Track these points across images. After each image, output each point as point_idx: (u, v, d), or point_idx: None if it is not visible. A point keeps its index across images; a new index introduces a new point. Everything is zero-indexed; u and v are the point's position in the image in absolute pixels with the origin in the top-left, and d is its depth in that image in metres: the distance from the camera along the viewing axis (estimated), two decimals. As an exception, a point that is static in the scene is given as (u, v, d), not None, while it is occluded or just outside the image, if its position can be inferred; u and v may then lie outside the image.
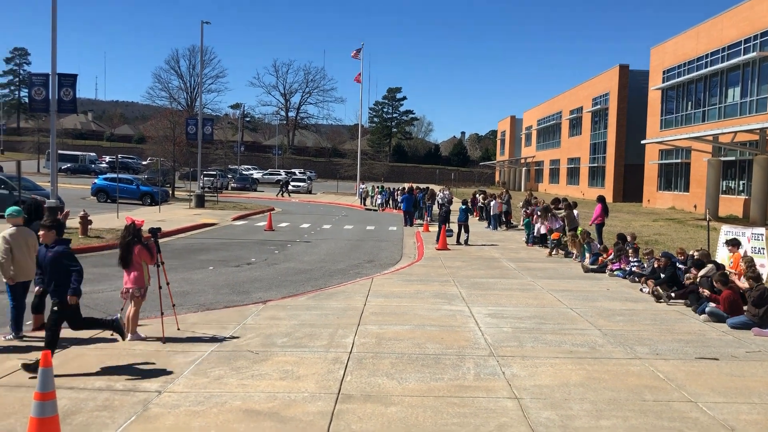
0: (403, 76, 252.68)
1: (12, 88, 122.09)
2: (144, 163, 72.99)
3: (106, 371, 7.73)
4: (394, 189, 48.86)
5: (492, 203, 29.84)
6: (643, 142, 44.45)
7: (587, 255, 18.16)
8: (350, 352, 8.81)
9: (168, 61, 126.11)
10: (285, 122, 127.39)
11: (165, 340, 9.11)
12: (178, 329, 9.74)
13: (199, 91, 61.13)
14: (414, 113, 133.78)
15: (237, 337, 9.47)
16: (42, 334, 9.42)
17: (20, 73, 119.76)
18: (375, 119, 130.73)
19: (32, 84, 22.89)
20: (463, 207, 23.94)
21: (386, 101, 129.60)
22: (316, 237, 26.01)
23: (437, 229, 23.86)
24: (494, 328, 10.37)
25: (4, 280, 9.09)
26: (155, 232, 9.60)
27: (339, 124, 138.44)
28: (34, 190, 27.47)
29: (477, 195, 37.95)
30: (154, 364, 8.08)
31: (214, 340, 9.30)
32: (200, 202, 38.17)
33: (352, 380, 7.57)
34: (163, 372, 7.74)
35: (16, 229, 9.03)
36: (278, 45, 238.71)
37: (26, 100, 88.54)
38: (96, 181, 42.61)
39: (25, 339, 9.06)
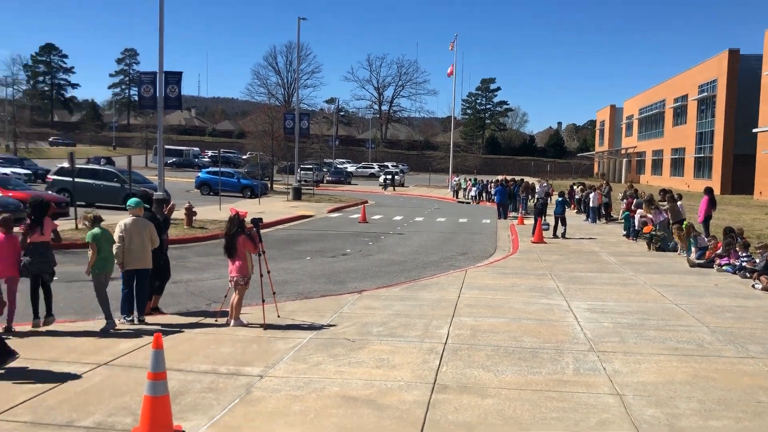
0: (497, 67, 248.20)
1: (123, 87, 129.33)
2: (244, 157, 75.53)
3: (212, 355, 8.07)
4: (487, 181, 48.30)
5: (591, 195, 28.97)
6: (755, 130, 41.83)
7: (693, 249, 17.30)
8: (445, 343, 8.80)
9: (266, 58, 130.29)
10: (378, 116, 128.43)
11: (266, 326, 9.43)
12: (278, 316, 10.05)
13: (296, 86, 62.68)
14: (508, 104, 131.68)
15: (334, 325, 9.67)
16: (154, 318, 9.97)
17: (130, 72, 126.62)
18: (468, 111, 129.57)
19: (141, 82, 24.19)
20: (560, 199, 23.36)
21: (480, 92, 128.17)
22: (408, 229, 26.13)
23: (533, 221, 23.41)
24: (594, 323, 10.07)
25: (117, 266, 9.64)
26: (257, 222, 9.94)
27: (431, 117, 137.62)
28: (143, 183, 29.06)
29: (575, 187, 36.95)
30: (255, 349, 8.38)
31: (312, 327, 9.53)
32: (297, 195, 39.15)
33: (448, 371, 7.57)
34: (264, 357, 8.01)
35: (133, 219, 9.58)
36: (372, 39, 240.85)
37: (136, 98, 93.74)
38: (199, 174, 44.52)
39: (138, 323, 9.59)
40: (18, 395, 6.46)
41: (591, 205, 28.66)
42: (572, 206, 33.41)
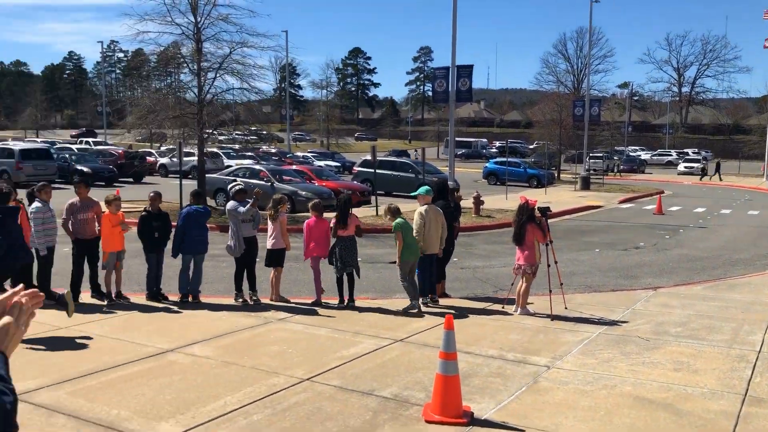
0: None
1: (417, 83, 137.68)
2: (530, 147, 75.27)
3: (499, 341, 8.19)
4: (814, 169, 41.47)
5: None
6: None
7: None
8: (759, 351, 7.79)
9: (555, 45, 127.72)
10: (677, 99, 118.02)
11: (553, 317, 9.29)
12: (566, 308, 9.82)
13: (587, 72, 60.53)
14: None
15: (625, 322, 9.16)
16: (443, 301, 10.44)
17: (424, 69, 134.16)
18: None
19: (435, 77, 25.46)
20: None
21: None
22: (712, 222, 23.63)
23: None
24: None
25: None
26: (545, 211, 9.82)
27: (742, 97, 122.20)
28: (434, 173, 30.58)
29: None
30: (542, 339, 8.31)
31: (601, 322, 9.15)
32: (585, 185, 37.82)
33: (762, 382, 6.69)
34: (551, 348, 7.90)
35: (429, 206, 10.16)
36: (671, 17, 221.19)
37: (430, 93, 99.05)
38: (487, 164, 45.48)
39: (432, 304, 10.12)
40: (330, 362, 7.26)
41: None
42: None
